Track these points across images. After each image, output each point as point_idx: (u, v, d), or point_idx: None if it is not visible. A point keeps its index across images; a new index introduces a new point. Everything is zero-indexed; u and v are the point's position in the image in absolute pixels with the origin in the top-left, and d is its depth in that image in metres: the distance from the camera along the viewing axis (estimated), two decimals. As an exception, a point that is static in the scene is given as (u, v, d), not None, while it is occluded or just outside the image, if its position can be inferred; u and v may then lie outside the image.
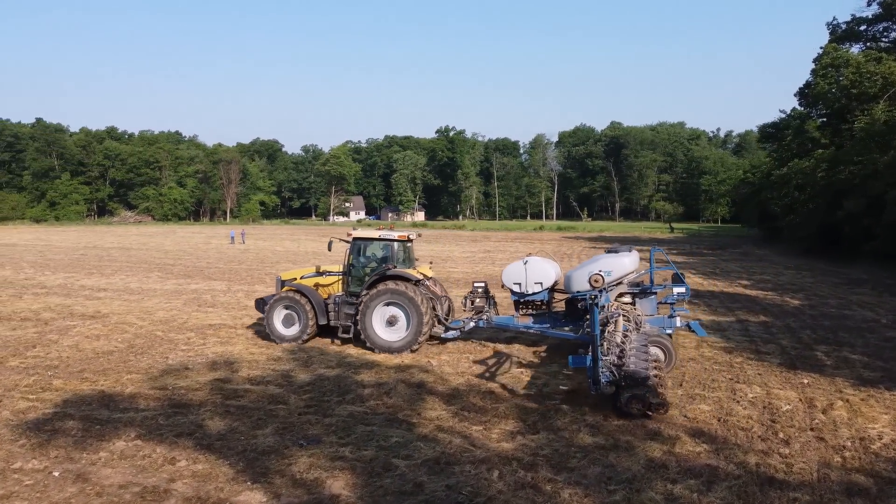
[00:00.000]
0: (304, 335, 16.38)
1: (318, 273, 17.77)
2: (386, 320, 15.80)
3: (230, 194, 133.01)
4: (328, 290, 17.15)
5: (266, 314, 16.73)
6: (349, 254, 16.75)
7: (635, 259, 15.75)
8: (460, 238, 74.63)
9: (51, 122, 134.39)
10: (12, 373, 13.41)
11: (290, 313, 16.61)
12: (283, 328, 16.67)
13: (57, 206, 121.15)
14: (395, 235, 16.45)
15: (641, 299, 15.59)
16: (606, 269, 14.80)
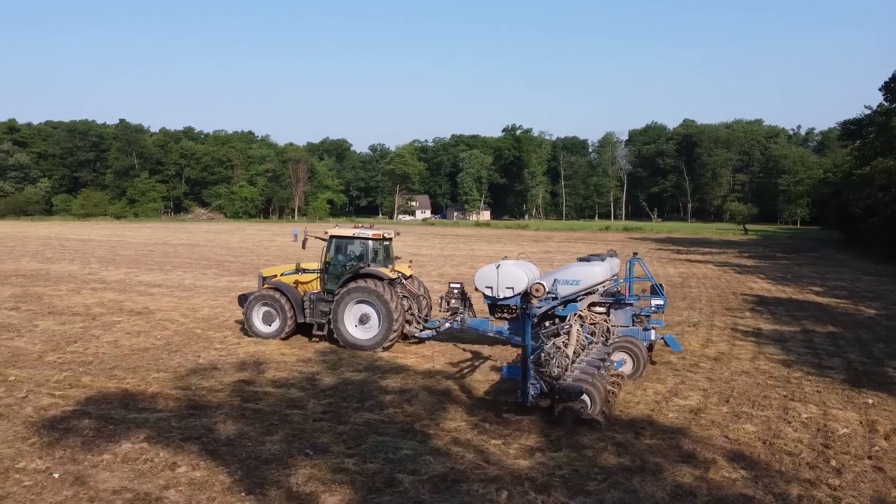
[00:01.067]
0: (282, 333, 16.37)
1: (297, 270, 17.60)
2: (358, 318, 15.76)
3: (298, 193, 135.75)
4: (308, 288, 17.05)
5: (245, 311, 16.82)
6: (326, 251, 16.68)
7: (607, 268, 15.06)
8: (522, 238, 73.56)
9: (133, 123, 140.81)
10: (47, 368, 13.59)
11: (268, 310, 16.61)
12: (262, 325, 16.69)
13: (136, 204, 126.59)
14: (369, 234, 16.28)
15: (616, 310, 14.96)
16: (575, 277, 14.24)
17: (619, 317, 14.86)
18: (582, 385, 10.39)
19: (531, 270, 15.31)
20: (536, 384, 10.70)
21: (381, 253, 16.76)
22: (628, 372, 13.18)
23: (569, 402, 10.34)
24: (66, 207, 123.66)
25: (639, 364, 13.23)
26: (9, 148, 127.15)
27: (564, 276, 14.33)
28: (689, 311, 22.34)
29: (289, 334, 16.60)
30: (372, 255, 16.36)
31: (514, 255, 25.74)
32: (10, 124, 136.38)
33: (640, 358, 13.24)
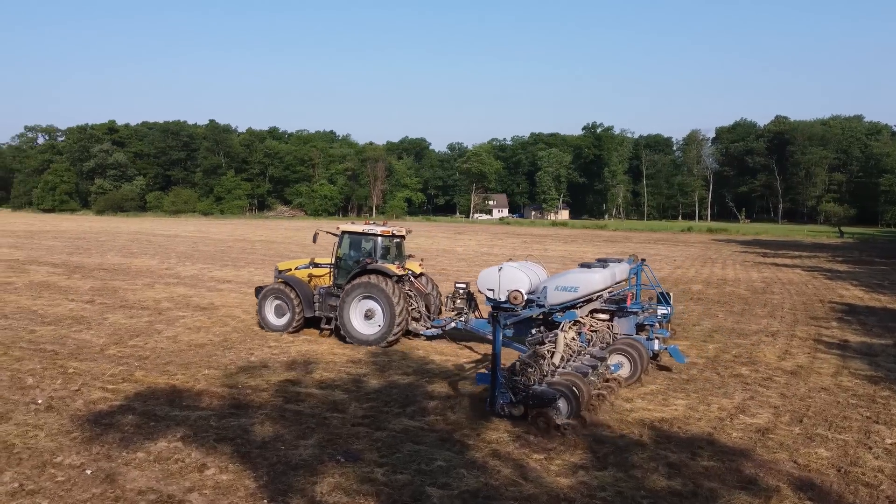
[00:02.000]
0: (292, 326, 16.65)
1: (311, 265, 17.86)
2: (363, 314, 15.92)
3: (376, 191, 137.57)
4: (321, 282, 17.29)
5: (258, 304, 17.23)
6: (337, 247, 16.86)
7: (608, 275, 14.56)
8: (599, 238, 71.78)
9: (221, 123, 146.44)
10: (105, 361, 13.90)
11: (280, 303, 16.95)
12: (274, 318, 17.06)
13: (222, 201, 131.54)
14: (378, 230, 16.43)
15: (620, 318, 14.59)
16: (573, 284, 13.78)
17: (623, 325, 14.53)
18: (556, 391, 10.37)
19: (536, 274, 15.06)
20: (506, 393, 10.68)
21: (392, 250, 16.90)
22: (626, 375, 12.90)
23: (542, 408, 10.29)
24: (158, 204, 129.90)
25: (636, 367, 12.91)
26: (108, 147, 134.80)
27: (562, 283, 14.00)
28: (768, 319, 20.90)
29: (298, 328, 16.82)
30: (381, 252, 16.44)
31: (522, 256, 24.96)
32: (109, 125, 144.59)
33: (637, 361, 12.91)
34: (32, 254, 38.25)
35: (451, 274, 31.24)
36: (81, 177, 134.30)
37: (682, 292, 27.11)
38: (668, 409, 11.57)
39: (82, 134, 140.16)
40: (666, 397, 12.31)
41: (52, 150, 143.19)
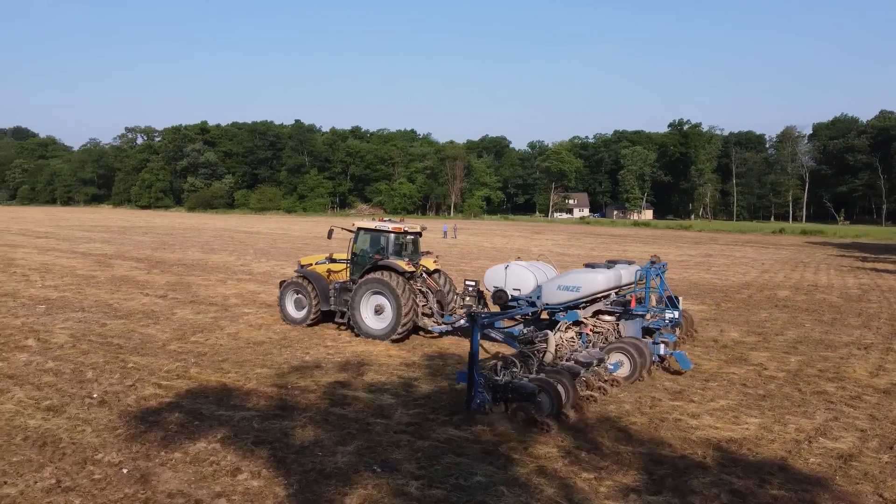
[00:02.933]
0: (309, 319, 17.16)
1: (329, 260, 18.39)
2: (374, 309, 16.18)
3: (454, 189, 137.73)
4: (338, 277, 17.70)
5: (279, 297, 17.90)
6: (353, 242, 17.22)
7: (612, 277, 14.32)
8: (682, 239, 69.09)
9: (306, 123, 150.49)
10: (164, 357, 14.09)
11: (299, 297, 17.50)
12: (293, 311, 17.65)
13: (305, 199, 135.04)
14: (389, 227, 16.77)
15: (626, 320, 14.26)
16: (575, 284, 13.83)
17: (629, 327, 14.16)
18: (536, 386, 10.44)
19: (545, 273, 15.01)
20: (483, 392, 10.70)
21: (408, 247, 17.23)
22: (625, 374, 12.73)
23: (523, 403, 10.39)
24: (245, 202, 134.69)
25: (636, 366, 12.70)
26: (200, 147, 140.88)
27: (564, 282, 14.03)
28: (861, 330, 19.21)
29: (315, 321, 17.27)
30: (393, 248, 16.68)
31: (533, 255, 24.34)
32: (201, 126, 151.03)
33: (636, 360, 12.69)
34: (121, 248, 40.09)
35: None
36: (175, 175, 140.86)
37: (767, 298, 25.44)
38: (738, 429, 10.61)
39: (176, 134, 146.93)
40: (737, 414, 11.33)
41: (150, 150, 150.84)
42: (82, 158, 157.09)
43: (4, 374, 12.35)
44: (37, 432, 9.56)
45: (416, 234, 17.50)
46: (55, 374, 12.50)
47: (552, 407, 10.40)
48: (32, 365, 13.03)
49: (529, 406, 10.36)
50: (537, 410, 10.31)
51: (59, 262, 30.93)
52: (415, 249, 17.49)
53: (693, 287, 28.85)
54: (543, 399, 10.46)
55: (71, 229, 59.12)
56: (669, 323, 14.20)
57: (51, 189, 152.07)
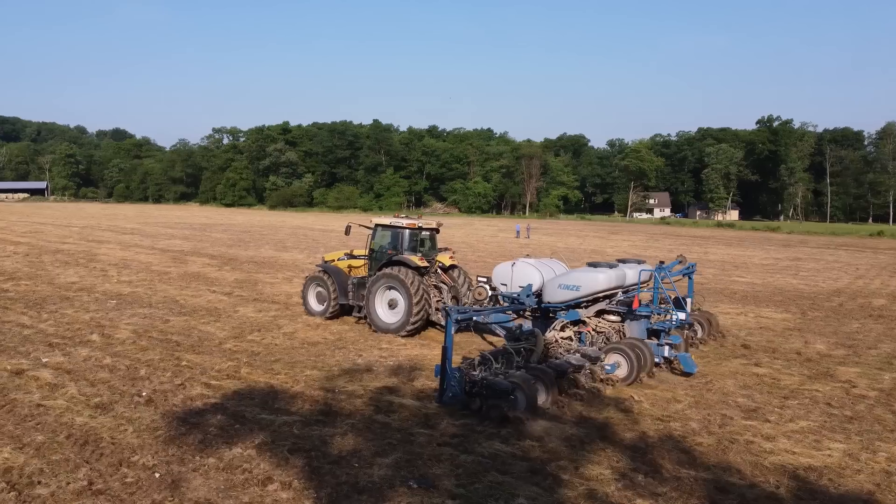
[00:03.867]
0: (328, 312, 17.77)
1: (349, 256, 19.03)
2: (387, 303, 16.58)
3: (530, 188, 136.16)
4: (359, 272, 18.22)
5: (303, 290, 18.64)
6: (371, 238, 17.86)
7: (613, 276, 14.20)
8: (770, 241, 65.68)
9: (384, 123, 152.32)
10: (218, 356, 14.06)
11: (321, 291, 18.11)
12: (315, 304, 18.31)
13: (381, 198, 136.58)
14: (404, 223, 17.21)
15: (631, 321, 14.10)
16: (575, 283, 13.86)
17: (633, 328, 13.99)
18: (511, 384, 10.49)
19: (553, 271, 15.06)
20: (455, 386, 10.79)
21: (426, 243, 17.63)
22: (622, 375, 12.55)
23: (496, 400, 10.38)
24: (323, 200, 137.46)
25: (633, 368, 12.49)
26: (281, 147, 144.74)
27: (565, 281, 14.06)
28: (969, 344, 17.32)
29: (334, 314, 17.84)
30: (408, 244, 17.10)
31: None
32: (283, 126, 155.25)
33: (634, 362, 12.48)
34: (198, 245, 41.31)
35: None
36: (258, 174, 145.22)
37: (860, 307, 23.52)
38: (819, 455, 9.53)
39: (260, 134, 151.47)
40: (819, 438, 10.22)
41: (234, 150, 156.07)
42: (172, 158, 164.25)
43: (64, 369, 12.55)
44: (81, 430, 9.55)
45: (432, 230, 17.91)
46: (111, 370, 12.62)
47: (527, 405, 10.45)
48: (91, 360, 13.22)
49: (503, 403, 10.34)
50: (510, 408, 10.31)
51: (138, 258, 32.03)
52: (432, 246, 17.89)
53: (777, 293, 27.07)
54: (518, 397, 10.49)
55: (156, 226, 61.64)
56: (676, 325, 13.74)
57: (143, 187, 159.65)
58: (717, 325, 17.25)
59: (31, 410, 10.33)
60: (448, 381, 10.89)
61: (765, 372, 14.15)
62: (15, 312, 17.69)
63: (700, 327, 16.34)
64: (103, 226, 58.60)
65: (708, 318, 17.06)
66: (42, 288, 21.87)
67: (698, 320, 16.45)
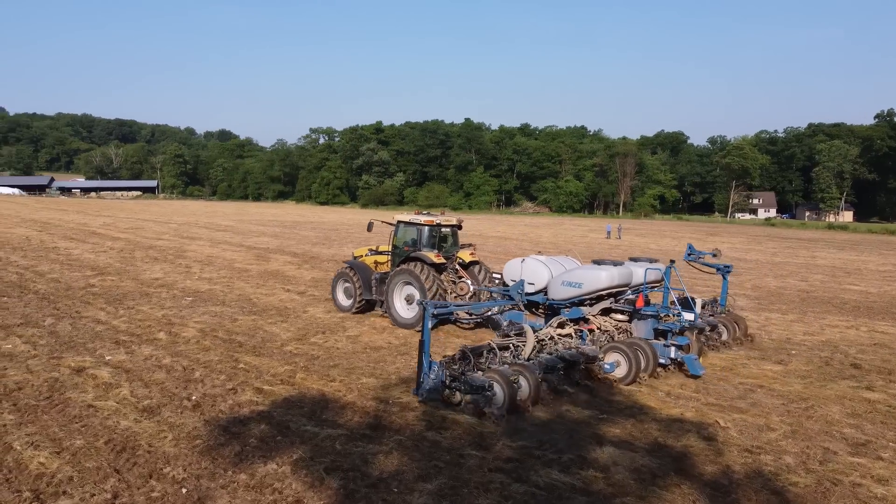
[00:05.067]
0: (354, 307, 18.22)
1: (373, 252, 19.45)
2: (405, 298, 16.94)
3: (624, 187, 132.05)
4: (384, 268, 18.46)
5: (332, 286, 19.18)
6: (394, 235, 18.17)
7: (616, 274, 14.10)
8: (889, 246, 60.63)
9: (476, 122, 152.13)
10: (278, 358, 13.66)
11: (348, 286, 18.56)
12: (342, 299, 18.77)
13: (471, 197, 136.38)
14: (422, 220, 17.42)
15: (638, 321, 13.87)
16: (577, 280, 14.03)
17: (640, 328, 13.76)
18: (488, 380, 10.48)
19: (564, 268, 15.08)
20: (435, 380, 10.78)
21: (448, 239, 18.01)
22: (621, 375, 12.43)
23: (474, 395, 10.43)
24: (413, 199, 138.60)
25: (632, 368, 12.33)
26: (374, 146, 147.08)
27: (567, 279, 14.18)
28: None
29: (359, 309, 18.25)
30: (427, 240, 17.38)
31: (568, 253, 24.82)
32: (376, 126, 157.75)
33: (633, 361, 12.34)
34: (284, 243, 41.94)
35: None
36: (351, 173, 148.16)
37: None
38: (944, 506, 7.95)
39: (353, 134, 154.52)
40: (945, 483, 8.58)
41: (329, 150, 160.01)
42: (271, 158, 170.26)
43: (123, 368, 12.47)
44: (122, 436, 9.25)
45: (452, 226, 18.13)
46: (167, 371, 12.43)
47: (506, 400, 10.37)
48: (151, 360, 13.11)
49: (479, 398, 10.37)
50: (486, 403, 10.34)
51: (224, 255, 32.69)
52: (454, 242, 18.22)
53: (894, 303, 24.37)
54: (497, 392, 10.45)
55: (249, 223, 63.50)
56: (685, 326, 13.36)
57: (244, 186, 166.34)
58: (746, 328, 16.82)
59: (81, 411, 10.17)
60: (425, 374, 10.81)
61: (879, 398, 12.37)
62: (94, 308, 18.07)
63: (726, 330, 16.01)
64: (200, 223, 60.90)
65: (736, 320, 16.67)
66: (126, 283, 22.44)
67: (724, 322, 16.11)
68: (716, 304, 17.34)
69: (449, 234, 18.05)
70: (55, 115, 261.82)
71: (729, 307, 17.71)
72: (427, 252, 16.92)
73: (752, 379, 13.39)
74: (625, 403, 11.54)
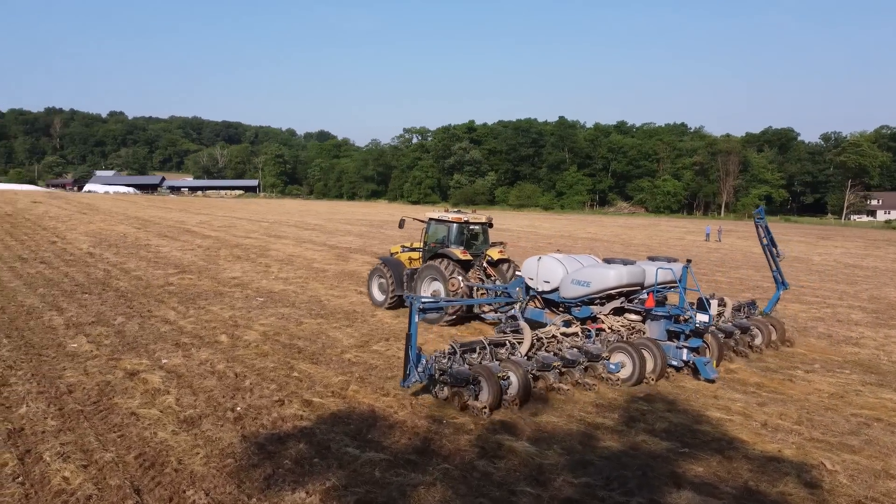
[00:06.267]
0: (387, 303, 18.55)
1: (406, 249, 19.97)
2: (431, 294, 17.06)
3: (726, 187, 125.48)
4: (418, 264, 18.64)
5: (368, 281, 19.62)
6: (425, 232, 18.64)
7: (625, 273, 13.85)
8: None
9: (569, 120, 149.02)
10: (334, 367, 12.96)
11: (382, 282, 18.92)
12: (377, 294, 19.11)
13: (563, 196, 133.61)
14: (450, 217, 17.87)
15: (651, 321, 13.65)
16: (585, 279, 14.01)
17: (653, 328, 13.57)
18: (472, 373, 10.63)
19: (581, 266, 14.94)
20: (422, 373, 10.85)
21: (479, 236, 18.51)
22: (625, 376, 12.32)
23: (459, 388, 10.57)
24: (504, 198, 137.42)
25: (636, 368, 12.17)
26: (466, 146, 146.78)
27: (577, 277, 14.15)
28: None
29: (392, 304, 18.48)
30: (455, 237, 17.75)
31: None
32: (469, 125, 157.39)
33: (637, 362, 12.17)
34: (367, 243, 41.81)
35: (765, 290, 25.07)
36: (443, 172, 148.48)
37: None
38: None
39: (446, 134, 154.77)
40: None
41: (422, 149, 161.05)
42: (365, 157, 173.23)
43: (176, 373, 12.13)
44: (154, 449, 8.75)
45: (481, 224, 18.44)
46: (219, 377, 11.98)
47: (490, 395, 10.50)
48: (206, 365, 12.73)
49: (464, 392, 10.54)
50: (470, 397, 10.52)
51: (305, 255, 32.74)
52: (484, 240, 18.58)
53: None
54: (483, 386, 10.60)
55: (338, 222, 64.22)
56: (702, 326, 12.82)
57: (339, 185, 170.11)
58: (784, 333, 16.05)
59: (123, 419, 9.80)
60: (411, 366, 10.82)
61: None
62: (167, 307, 18.11)
63: (760, 333, 15.41)
64: (291, 222, 62.11)
65: (772, 324, 15.93)
66: (203, 282, 22.59)
67: (759, 326, 15.52)
68: (752, 306, 17.00)
69: (479, 232, 18.56)
70: (168, 118, 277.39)
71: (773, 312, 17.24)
72: (454, 249, 17.27)
73: (868, 410, 11.55)
74: (711, 435, 10.08)
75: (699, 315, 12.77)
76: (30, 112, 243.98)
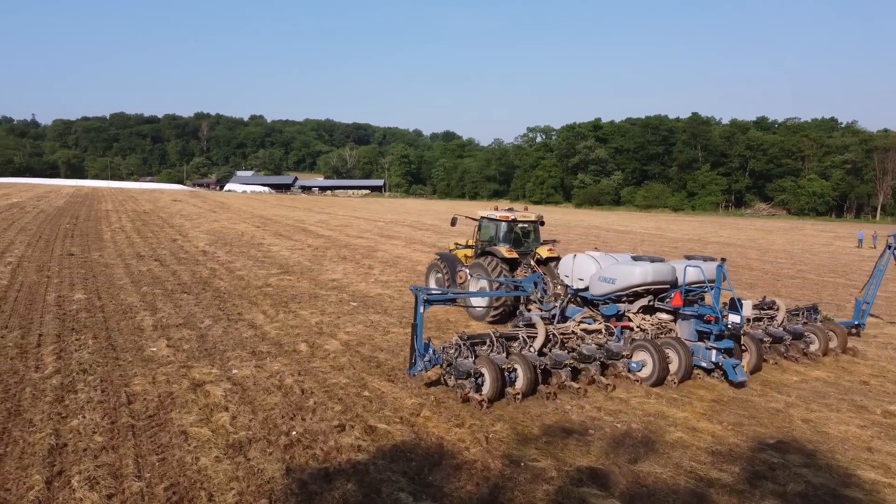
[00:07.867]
0: None
1: (462, 245, 20.19)
2: (479, 290, 17.05)
3: (884, 188, 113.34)
4: (470, 261, 18.46)
5: (426, 276, 20.01)
6: (477, 230, 19.01)
7: (650, 271, 13.36)
8: None
9: (703, 116, 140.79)
10: (411, 388, 11.64)
11: (439, 276, 19.23)
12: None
13: (694, 196, 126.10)
14: (497, 216, 18.13)
15: (681, 321, 13.19)
16: (612, 276, 13.80)
17: (683, 328, 13.14)
18: (474, 366, 10.83)
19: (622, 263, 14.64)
20: (428, 363, 11.18)
21: (531, 234, 18.68)
22: (645, 375, 12.14)
23: (461, 380, 10.83)
24: (631, 199, 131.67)
25: (657, 368, 11.93)
26: (591, 144, 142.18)
27: (604, 274, 14.01)
28: None
29: None
30: (503, 236, 17.98)
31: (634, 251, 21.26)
32: (594, 123, 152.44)
33: (657, 362, 11.93)
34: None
35: None
36: (566, 171, 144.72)
37: None
38: None
39: (570, 132, 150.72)
40: None
41: (545, 148, 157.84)
42: (488, 157, 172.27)
43: (241, 385, 11.36)
44: (189, 480, 7.88)
45: (530, 223, 18.58)
46: (284, 393, 11.07)
47: (492, 389, 10.66)
48: (275, 377, 11.88)
49: (466, 384, 10.70)
50: (471, 389, 10.63)
51: (411, 256, 31.87)
52: (535, 238, 18.72)
53: None
54: (485, 379, 10.78)
55: (456, 222, 63.36)
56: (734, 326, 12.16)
57: (461, 185, 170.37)
58: (845, 341, 15.33)
59: (170, 439, 9.05)
60: (417, 356, 11.21)
61: None
62: (257, 309, 17.68)
63: (816, 339, 14.84)
64: (407, 221, 61.96)
65: (832, 330, 15.37)
66: (301, 284, 22.18)
67: (815, 332, 14.96)
68: (814, 311, 16.19)
69: (530, 230, 18.69)
70: (303, 121, 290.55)
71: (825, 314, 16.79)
72: (500, 247, 17.37)
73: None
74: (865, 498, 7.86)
75: (731, 316, 12.16)
76: (181, 117, 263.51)
